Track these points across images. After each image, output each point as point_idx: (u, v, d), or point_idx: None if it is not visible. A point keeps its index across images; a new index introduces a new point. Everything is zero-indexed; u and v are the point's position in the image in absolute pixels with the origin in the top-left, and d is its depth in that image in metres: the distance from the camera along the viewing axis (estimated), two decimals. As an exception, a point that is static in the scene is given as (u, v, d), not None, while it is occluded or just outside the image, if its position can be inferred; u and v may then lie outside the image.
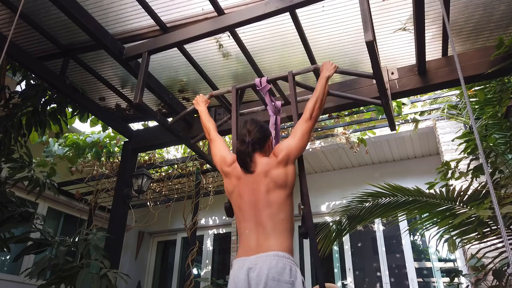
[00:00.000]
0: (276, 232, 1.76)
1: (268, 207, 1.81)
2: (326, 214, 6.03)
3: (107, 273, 2.92)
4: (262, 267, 1.65)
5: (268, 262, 1.66)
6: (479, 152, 1.35)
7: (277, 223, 1.78)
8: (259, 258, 1.69)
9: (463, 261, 5.01)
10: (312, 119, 1.99)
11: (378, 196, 3.30)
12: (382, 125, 5.36)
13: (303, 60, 3.40)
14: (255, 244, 1.76)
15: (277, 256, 1.68)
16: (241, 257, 1.78)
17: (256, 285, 1.63)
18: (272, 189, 1.83)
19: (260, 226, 1.79)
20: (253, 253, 1.73)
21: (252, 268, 1.68)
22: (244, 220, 1.86)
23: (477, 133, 1.41)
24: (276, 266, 1.64)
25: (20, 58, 3.27)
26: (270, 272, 1.63)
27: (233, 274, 1.75)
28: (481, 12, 2.94)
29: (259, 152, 1.96)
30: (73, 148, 5.72)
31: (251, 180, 1.89)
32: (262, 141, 1.98)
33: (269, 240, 1.74)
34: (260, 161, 1.93)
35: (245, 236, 1.82)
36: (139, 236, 7.81)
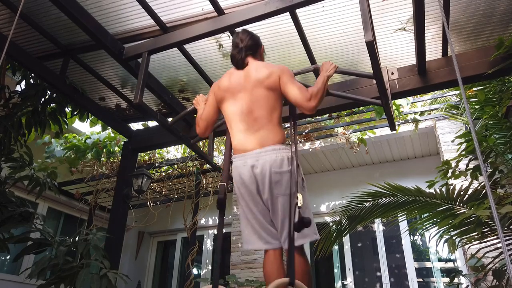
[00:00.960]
0: (269, 126, 1.95)
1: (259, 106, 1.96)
2: (326, 214, 6.03)
3: (107, 273, 2.92)
4: (264, 164, 1.87)
5: (268, 158, 1.88)
6: (477, 153, 1.35)
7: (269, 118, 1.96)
8: (259, 155, 1.90)
9: (463, 261, 5.01)
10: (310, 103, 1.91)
11: (378, 196, 3.29)
12: (382, 125, 5.36)
13: (303, 60, 3.40)
14: (252, 140, 1.94)
15: (274, 150, 1.90)
16: (240, 153, 1.96)
17: (262, 180, 1.88)
18: (260, 87, 1.98)
19: (254, 122, 1.96)
20: (251, 149, 1.93)
21: (254, 165, 1.89)
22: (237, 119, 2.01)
23: (475, 134, 1.42)
24: (276, 160, 1.87)
25: (20, 58, 3.27)
26: (272, 167, 1.87)
27: (237, 170, 1.95)
28: (481, 12, 2.94)
29: (252, 57, 2.12)
30: (73, 151, 5.72)
31: (242, 82, 2.04)
32: (255, 47, 2.15)
33: (263, 133, 1.94)
34: (253, 63, 2.09)
35: (240, 133, 1.99)
36: (139, 236, 7.81)
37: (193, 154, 5.70)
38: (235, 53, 2.12)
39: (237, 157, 1.98)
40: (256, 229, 1.94)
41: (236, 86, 2.05)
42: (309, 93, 1.93)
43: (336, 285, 6.00)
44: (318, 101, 1.94)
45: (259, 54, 2.18)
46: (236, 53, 2.12)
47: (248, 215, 1.97)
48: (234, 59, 2.12)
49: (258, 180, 1.89)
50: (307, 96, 1.92)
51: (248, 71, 2.06)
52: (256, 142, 1.93)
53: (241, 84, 2.04)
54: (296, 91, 1.95)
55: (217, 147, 6.14)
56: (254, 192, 1.91)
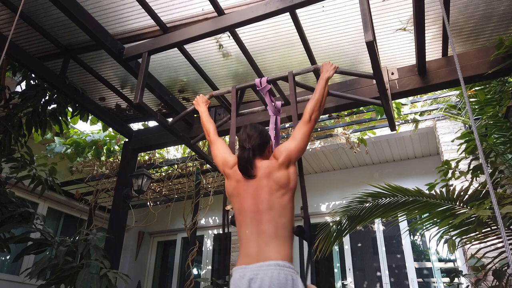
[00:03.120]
0: (277, 238, 1.75)
1: (270, 210, 1.79)
2: (326, 214, 6.03)
3: (107, 273, 2.92)
4: (264, 278, 1.65)
5: (269, 273, 1.66)
6: (479, 152, 1.35)
7: (278, 227, 1.77)
8: (260, 268, 1.69)
9: (463, 261, 5.01)
10: (312, 121, 1.98)
11: (378, 196, 3.29)
12: (382, 125, 5.37)
13: (303, 60, 3.40)
14: (255, 251, 1.75)
15: (278, 266, 1.68)
16: (242, 265, 1.76)
17: None
18: (275, 191, 1.83)
19: (261, 231, 1.78)
20: (254, 261, 1.72)
21: (253, 279, 1.67)
22: (245, 224, 1.84)
23: (476, 133, 1.41)
24: (278, 277, 1.64)
25: (20, 58, 3.27)
26: (272, 283, 1.63)
27: (234, 283, 1.73)
28: (481, 12, 2.94)
29: (260, 157, 1.96)
30: (72, 147, 5.72)
31: (252, 184, 1.88)
32: (262, 147, 1.98)
33: (269, 247, 1.73)
34: (261, 165, 1.92)
35: (245, 242, 1.81)
36: (139, 236, 7.81)
37: (193, 154, 5.70)
38: (243, 156, 1.92)
39: (237, 269, 1.78)
40: None
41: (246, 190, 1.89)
42: (307, 114, 1.97)
43: (336, 285, 6.00)
44: (318, 112, 1.98)
45: (267, 151, 2.02)
46: (244, 156, 1.91)
47: None
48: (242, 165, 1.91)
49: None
50: (306, 119, 1.97)
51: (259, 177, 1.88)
52: (260, 255, 1.73)
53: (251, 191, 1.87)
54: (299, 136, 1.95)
55: (217, 147, 6.13)
56: None
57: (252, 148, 1.93)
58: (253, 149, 1.93)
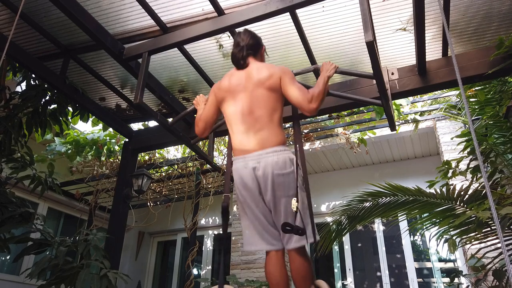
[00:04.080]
0: (269, 126, 1.94)
1: (260, 105, 1.96)
2: (326, 214, 6.03)
3: (107, 274, 2.93)
4: (266, 166, 1.86)
5: (270, 160, 1.87)
6: (477, 154, 1.35)
7: (269, 119, 1.95)
8: (260, 157, 1.89)
9: (463, 261, 5.01)
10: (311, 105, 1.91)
11: (378, 195, 3.29)
12: (382, 125, 5.37)
13: (303, 60, 3.40)
14: (252, 140, 1.93)
15: (276, 152, 1.89)
16: (241, 155, 1.95)
17: (264, 182, 1.87)
18: (262, 88, 1.97)
19: (254, 123, 1.95)
20: (252, 150, 1.92)
21: (256, 167, 1.88)
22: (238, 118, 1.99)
23: (474, 134, 1.42)
24: (278, 162, 1.86)
25: (20, 58, 3.27)
26: (274, 169, 1.85)
27: (238, 171, 1.93)
28: (482, 13, 2.94)
29: (253, 57, 2.12)
30: (72, 146, 5.71)
31: (243, 82, 2.03)
32: (256, 47, 2.14)
33: (263, 135, 1.92)
34: (254, 64, 2.08)
35: (239, 133, 1.98)
36: (139, 236, 7.81)
37: (193, 154, 5.70)
38: (236, 51, 2.12)
39: (238, 159, 1.97)
40: (258, 230, 1.93)
41: (236, 87, 2.04)
42: (310, 95, 1.92)
43: (336, 285, 6.00)
44: (319, 102, 1.94)
45: (260, 54, 2.18)
46: (237, 52, 2.11)
47: (250, 216, 1.96)
48: (235, 58, 2.12)
49: (260, 182, 1.88)
50: (308, 98, 1.92)
51: (249, 72, 2.05)
52: (256, 144, 1.92)
53: (242, 84, 2.03)
54: (297, 92, 1.95)
55: (217, 147, 6.14)
56: (256, 194, 1.90)
57: (246, 45, 2.10)
58: (247, 46, 2.10)
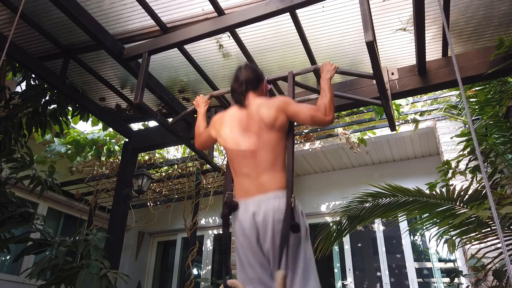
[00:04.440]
0: (272, 169, 1.83)
1: (262, 147, 1.86)
2: (326, 215, 6.03)
3: (107, 274, 2.93)
4: (267, 211, 1.74)
5: (271, 205, 1.74)
6: (477, 153, 1.35)
7: (272, 162, 1.84)
8: (261, 202, 1.77)
9: (463, 261, 5.01)
10: (328, 117, 1.90)
11: (378, 196, 3.29)
12: (382, 125, 5.36)
13: (303, 61, 3.40)
14: (253, 184, 1.82)
15: (277, 197, 1.76)
16: (241, 198, 1.85)
17: (264, 229, 1.74)
18: (264, 129, 1.88)
19: (256, 164, 1.84)
20: (253, 194, 1.80)
21: (256, 212, 1.76)
22: (239, 159, 1.91)
23: (474, 135, 1.42)
24: (280, 208, 1.73)
25: (20, 58, 3.27)
26: (275, 215, 1.72)
27: (238, 216, 1.82)
28: (482, 13, 2.94)
29: (253, 92, 2.02)
30: (72, 146, 5.71)
31: (244, 118, 1.95)
32: (256, 81, 2.05)
33: (265, 179, 1.81)
34: (254, 100, 1.98)
35: (240, 177, 1.88)
36: (139, 236, 7.81)
37: (193, 154, 5.70)
38: (235, 86, 2.04)
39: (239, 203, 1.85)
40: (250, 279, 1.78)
41: (238, 127, 1.96)
42: (322, 108, 1.89)
43: (336, 285, 6.00)
44: (333, 110, 1.92)
45: (260, 89, 2.09)
46: (236, 87, 2.03)
47: (245, 265, 1.81)
48: (235, 93, 2.03)
49: (259, 228, 1.75)
50: (322, 112, 1.89)
51: (251, 111, 1.95)
52: (258, 188, 1.81)
53: (244, 125, 1.94)
54: (309, 113, 1.90)
55: (217, 147, 6.14)
56: (254, 242, 1.77)
57: (246, 80, 2.01)
58: (247, 81, 2.01)
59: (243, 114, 1.98)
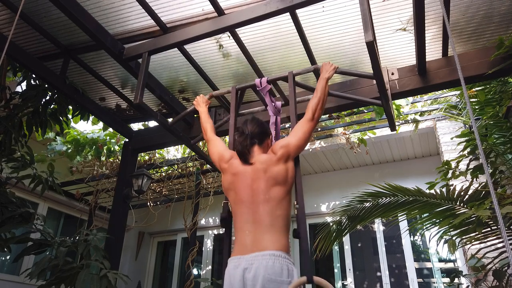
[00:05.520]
0: (273, 229, 1.73)
1: (267, 203, 1.79)
2: (326, 214, 6.03)
3: (107, 274, 2.92)
4: (259, 267, 1.61)
5: (264, 262, 1.62)
6: (479, 152, 1.35)
7: (275, 219, 1.75)
8: (255, 258, 1.65)
9: (463, 261, 5.01)
10: (315, 119, 2.00)
11: (378, 196, 3.29)
12: (382, 125, 5.36)
13: (303, 61, 3.40)
14: (251, 242, 1.72)
15: (273, 256, 1.64)
16: (237, 255, 1.74)
17: (252, 286, 1.59)
18: (272, 186, 1.82)
19: (257, 222, 1.76)
20: (249, 252, 1.69)
21: (247, 268, 1.64)
22: (241, 216, 1.83)
23: (477, 133, 1.41)
24: (273, 267, 1.60)
25: (20, 58, 3.27)
26: (267, 273, 1.59)
27: (228, 273, 1.71)
28: (482, 13, 2.94)
29: (258, 147, 1.97)
30: (72, 145, 5.71)
31: (249, 175, 1.88)
32: (261, 136, 2.00)
33: (265, 237, 1.71)
34: (259, 157, 1.93)
35: (241, 233, 1.80)
36: (139, 236, 7.81)
37: (193, 154, 5.70)
38: (240, 140, 1.97)
39: (232, 260, 1.75)
40: None
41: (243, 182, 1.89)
42: (310, 112, 1.97)
43: (336, 285, 6.00)
44: (320, 111, 1.98)
45: (266, 144, 2.03)
46: (241, 140, 1.96)
47: None
48: (239, 146, 1.96)
49: (247, 285, 1.61)
50: (309, 117, 1.96)
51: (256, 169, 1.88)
52: (256, 245, 1.70)
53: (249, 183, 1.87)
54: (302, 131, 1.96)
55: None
56: None
57: (251, 134, 1.96)
58: (252, 135, 1.96)
59: (248, 169, 1.90)
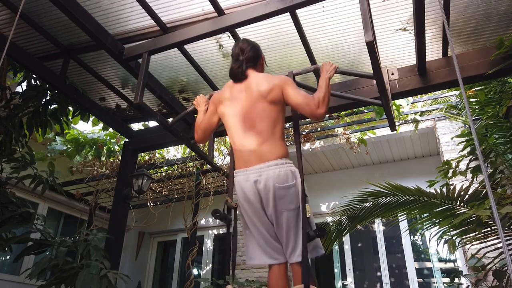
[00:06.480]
0: (271, 140, 1.91)
1: (261, 118, 1.94)
2: (326, 214, 6.03)
3: (107, 274, 2.92)
4: (267, 179, 1.84)
5: (271, 173, 1.84)
6: (478, 154, 1.35)
7: (271, 133, 1.92)
8: (261, 170, 1.86)
9: (463, 261, 5.01)
10: (319, 110, 1.90)
11: (378, 195, 3.29)
12: (382, 125, 5.37)
13: (303, 60, 3.40)
14: (253, 155, 1.90)
15: (277, 165, 1.86)
16: (242, 168, 1.93)
17: (265, 195, 1.84)
18: (263, 102, 1.95)
19: (255, 134, 1.93)
20: (253, 164, 1.89)
21: (257, 180, 1.86)
22: (239, 129, 1.98)
23: (475, 134, 1.41)
24: (279, 176, 1.84)
25: (20, 58, 3.27)
26: (276, 182, 1.83)
27: (240, 185, 1.92)
28: (481, 13, 2.94)
29: (252, 69, 2.10)
30: (72, 144, 5.71)
31: (243, 92, 2.02)
32: (255, 59, 2.11)
33: (265, 149, 1.89)
34: (254, 75, 2.06)
35: (241, 146, 1.96)
36: (139, 236, 7.81)
37: (193, 155, 5.70)
38: (235, 66, 2.08)
39: (239, 172, 1.95)
40: (260, 244, 1.92)
41: (237, 100, 2.03)
42: (316, 100, 1.91)
43: (337, 285, 6.00)
44: (326, 106, 1.94)
45: (259, 65, 2.15)
46: (236, 67, 2.07)
47: (252, 230, 1.94)
48: (234, 72, 2.08)
49: (261, 195, 1.86)
50: (315, 103, 1.91)
51: (249, 85, 2.03)
52: (258, 157, 1.89)
53: (243, 98, 2.01)
54: (303, 100, 1.93)
55: (217, 147, 6.15)
56: (258, 207, 1.89)
57: (246, 59, 2.07)
58: (247, 60, 2.07)
59: (241, 87, 2.05)
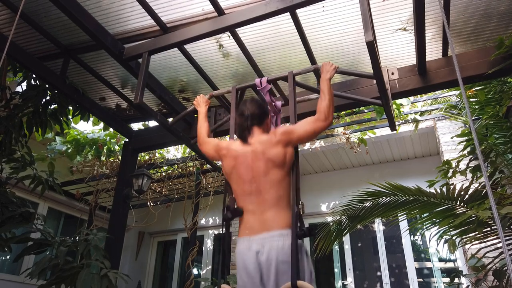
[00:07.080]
0: (277, 207, 1.82)
1: (267, 185, 1.85)
2: (326, 214, 6.03)
3: (107, 273, 2.93)
4: (270, 250, 1.72)
5: (275, 244, 1.72)
6: (478, 154, 1.35)
7: (277, 200, 1.83)
8: (264, 240, 1.75)
9: (463, 261, 5.01)
10: (328, 121, 1.93)
11: (378, 195, 3.29)
12: (382, 125, 5.36)
13: (303, 60, 3.40)
14: (257, 222, 1.81)
15: (281, 236, 1.74)
16: (245, 236, 1.83)
17: (267, 269, 1.72)
18: (271, 168, 1.87)
19: (261, 202, 1.84)
20: (257, 232, 1.79)
21: (260, 251, 1.74)
22: (244, 198, 1.91)
23: (475, 134, 1.42)
24: (283, 248, 1.71)
25: (20, 58, 3.27)
26: (279, 255, 1.70)
27: (241, 254, 1.81)
28: (481, 12, 2.94)
29: (258, 127, 2.02)
30: (72, 145, 5.72)
31: (249, 156, 1.93)
32: (261, 117, 2.05)
33: (270, 217, 1.80)
34: (259, 137, 1.98)
35: (246, 214, 1.87)
36: (139, 236, 7.81)
37: (193, 154, 5.70)
38: (241, 121, 2.03)
39: (242, 240, 1.85)
40: None
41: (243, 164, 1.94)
42: (322, 114, 1.91)
43: (337, 285, 6.00)
44: (333, 111, 1.93)
45: (265, 124, 2.08)
46: (242, 122, 2.02)
47: None
48: (240, 128, 2.03)
49: (263, 268, 1.73)
50: (322, 118, 1.91)
51: (256, 150, 1.93)
52: (262, 225, 1.80)
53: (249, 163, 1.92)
54: (310, 125, 1.92)
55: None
56: (257, 282, 1.74)
57: (251, 115, 2.01)
58: (252, 116, 2.01)
59: (247, 151, 1.95)
